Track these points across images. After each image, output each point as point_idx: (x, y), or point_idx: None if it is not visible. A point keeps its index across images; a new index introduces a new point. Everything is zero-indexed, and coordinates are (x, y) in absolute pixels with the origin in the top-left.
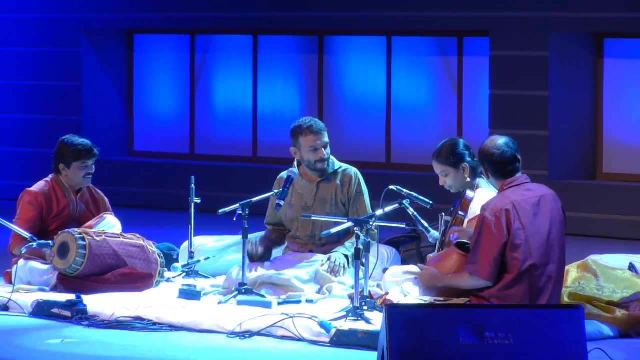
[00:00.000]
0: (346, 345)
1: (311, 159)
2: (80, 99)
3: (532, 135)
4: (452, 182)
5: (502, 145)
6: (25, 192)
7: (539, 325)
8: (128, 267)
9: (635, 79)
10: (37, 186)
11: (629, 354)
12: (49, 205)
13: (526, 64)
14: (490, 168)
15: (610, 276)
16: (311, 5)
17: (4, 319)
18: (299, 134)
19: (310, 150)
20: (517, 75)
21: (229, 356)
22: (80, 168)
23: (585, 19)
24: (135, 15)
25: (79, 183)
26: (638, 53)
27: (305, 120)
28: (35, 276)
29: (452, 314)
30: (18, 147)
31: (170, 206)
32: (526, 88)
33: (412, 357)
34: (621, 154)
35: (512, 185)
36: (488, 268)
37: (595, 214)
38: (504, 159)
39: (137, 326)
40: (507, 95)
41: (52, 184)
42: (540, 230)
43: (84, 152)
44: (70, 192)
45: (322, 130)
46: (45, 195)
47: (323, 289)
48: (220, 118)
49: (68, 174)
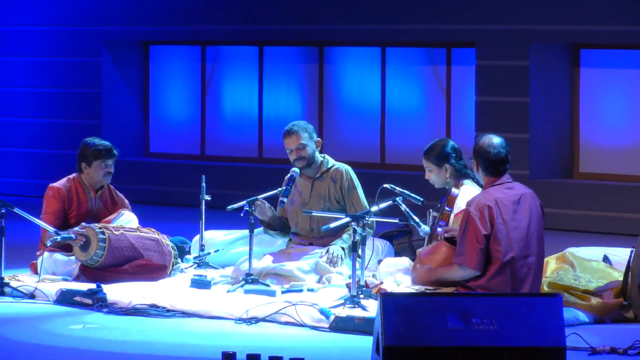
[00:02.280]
0: (344, 331)
1: (290, 160)
2: (101, 104)
3: (514, 138)
4: (435, 178)
5: (498, 145)
6: (49, 187)
7: (521, 312)
8: (144, 258)
9: (608, 86)
10: (59, 182)
11: (603, 338)
12: (69, 200)
13: (509, 72)
14: (483, 164)
15: (586, 267)
16: (312, 19)
17: (31, 306)
18: (283, 137)
19: (288, 152)
20: (501, 83)
21: (236, 340)
22: (100, 167)
23: (563, 32)
24: (151, 28)
25: (99, 181)
26: (611, 63)
27: (287, 125)
28: (59, 267)
29: (441, 301)
30: (44, 148)
31: (183, 203)
32: (509, 95)
33: (404, 342)
34: (596, 155)
35: (495, 184)
36: (475, 258)
37: (572, 210)
38: (498, 158)
39: (152, 313)
40: (491, 101)
41: (74, 182)
42: (520, 225)
43: (104, 151)
44: (90, 190)
45: (296, 132)
46: (67, 190)
47: (323, 278)
48: (229, 122)
49: (89, 172)
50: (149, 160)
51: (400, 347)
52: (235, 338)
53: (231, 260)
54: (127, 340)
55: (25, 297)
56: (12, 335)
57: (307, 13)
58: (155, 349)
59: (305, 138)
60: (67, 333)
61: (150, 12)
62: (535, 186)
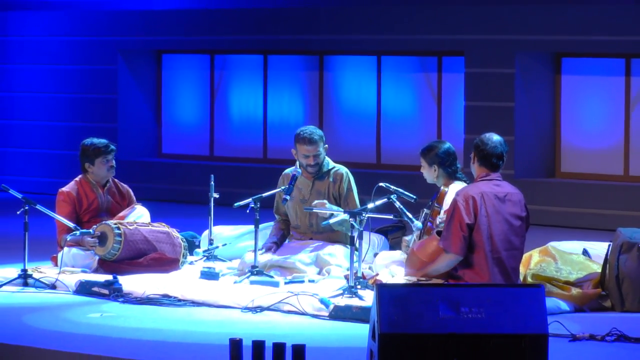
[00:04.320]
0: (342, 319)
1: (303, 163)
2: (117, 109)
3: None
4: (425, 174)
5: (496, 141)
6: (59, 192)
7: (507, 301)
8: (157, 252)
9: (588, 92)
10: (68, 186)
11: (582, 325)
12: (79, 201)
13: (495, 79)
14: (479, 154)
15: (567, 260)
16: (313, 30)
17: (52, 296)
18: (297, 140)
19: (303, 156)
20: (488, 89)
21: (243, 328)
22: (103, 163)
23: (545, 42)
24: (163, 38)
25: (105, 176)
26: (591, 70)
27: (306, 131)
28: (78, 260)
29: (433, 292)
30: (65, 150)
31: (193, 200)
32: (495, 100)
33: (398, 329)
34: (576, 156)
35: (485, 179)
36: (458, 244)
37: (554, 207)
38: (494, 152)
39: (164, 302)
40: (479, 106)
41: (81, 183)
42: (502, 219)
43: (102, 148)
44: (97, 187)
45: (316, 141)
46: (75, 192)
47: (323, 270)
48: (236, 125)
49: (94, 170)
50: (162, 161)
51: (394, 334)
52: (241, 326)
53: (238, 253)
54: (141, 327)
55: (47, 287)
56: (35, 323)
57: (308, 24)
58: (167, 336)
59: (321, 147)
60: (85, 321)
61: (162, 23)
62: (519, 185)
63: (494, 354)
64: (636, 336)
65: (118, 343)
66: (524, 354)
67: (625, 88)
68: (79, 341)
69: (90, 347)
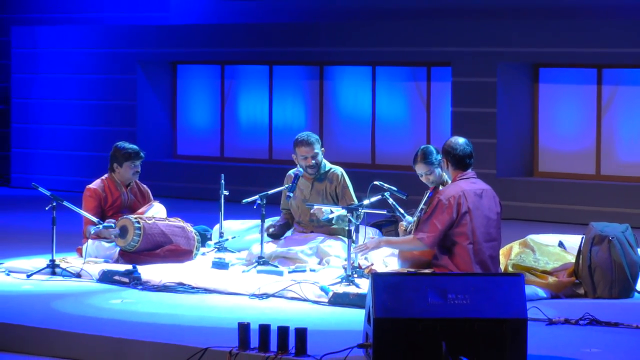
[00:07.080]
0: (341, 305)
1: (302, 165)
2: (136, 114)
3: (484, 143)
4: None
5: (463, 143)
6: (87, 189)
7: (489, 289)
8: (173, 244)
9: (563, 100)
10: (94, 183)
11: (558, 310)
12: (105, 197)
13: (479, 87)
14: (452, 159)
15: (544, 251)
16: (314, 43)
17: (77, 284)
18: (296, 144)
19: (302, 158)
20: (472, 96)
21: (250, 312)
22: (130, 167)
23: (525, 53)
24: (178, 50)
25: (129, 179)
26: (566, 79)
27: (302, 135)
28: (101, 251)
29: (423, 280)
30: (88, 151)
31: (205, 197)
32: (479, 106)
33: (391, 314)
34: (553, 157)
35: (463, 177)
36: (432, 239)
37: (533, 203)
38: (464, 154)
39: (179, 290)
40: (464, 111)
41: (107, 181)
42: (482, 214)
43: (132, 154)
44: (121, 186)
45: (313, 143)
46: (101, 189)
47: (323, 261)
48: (244, 129)
49: (120, 171)
50: (176, 162)
51: (388, 318)
52: (249, 311)
53: (246, 245)
54: (158, 312)
55: (73, 276)
56: (61, 309)
57: (310, 38)
58: (182, 320)
59: (318, 148)
60: (107, 307)
61: (177, 37)
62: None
63: (478, 337)
64: (606, 320)
65: (137, 326)
66: (505, 336)
67: (597, 95)
68: (102, 325)
69: (112, 330)
